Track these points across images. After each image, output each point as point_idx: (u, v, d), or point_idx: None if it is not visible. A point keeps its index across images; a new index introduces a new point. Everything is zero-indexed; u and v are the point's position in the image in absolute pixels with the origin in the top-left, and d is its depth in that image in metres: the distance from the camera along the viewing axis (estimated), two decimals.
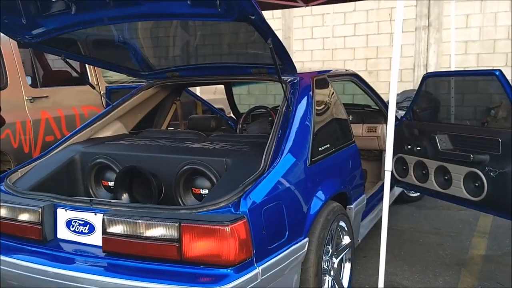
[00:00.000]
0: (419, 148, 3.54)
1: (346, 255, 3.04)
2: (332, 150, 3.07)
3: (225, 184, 2.43)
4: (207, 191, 2.64)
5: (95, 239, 2.35)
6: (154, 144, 3.15)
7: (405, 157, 3.66)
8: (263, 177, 2.37)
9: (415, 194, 5.07)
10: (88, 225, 2.40)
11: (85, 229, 2.40)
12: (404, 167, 3.70)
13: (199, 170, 2.66)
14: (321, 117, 3.08)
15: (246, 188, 2.27)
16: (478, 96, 3.55)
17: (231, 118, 5.09)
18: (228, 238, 2.05)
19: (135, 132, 3.70)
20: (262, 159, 2.49)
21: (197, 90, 6.15)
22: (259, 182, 2.33)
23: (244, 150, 2.83)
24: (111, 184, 2.98)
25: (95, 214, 2.37)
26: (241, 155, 2.73)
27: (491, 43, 9.11)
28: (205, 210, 2.19)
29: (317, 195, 2.73)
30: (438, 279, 3.46)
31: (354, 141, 3.48)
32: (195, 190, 2.72)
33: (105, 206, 2.39)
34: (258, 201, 2.24)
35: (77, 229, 2.42)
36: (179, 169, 2.70)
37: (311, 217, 2.64)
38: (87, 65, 5.38)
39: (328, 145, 3.03)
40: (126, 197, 2.85)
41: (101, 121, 3.48)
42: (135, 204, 2.56)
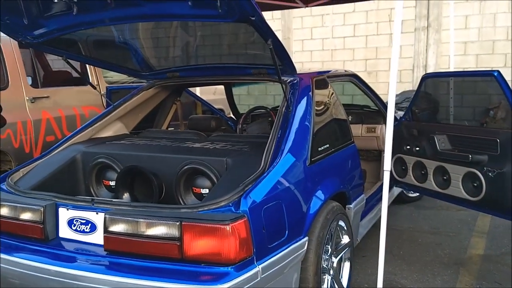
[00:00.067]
0: (418, 148, 3.55)
1: (345, 254, 3.06)
2: (331, 150, 3.09)
3: (226, 183, 2.45)
4: (207, 191, 2.66)
5: (97, 238, 2.37)
6: (155, 144, 3.17)
7: (404, 157, 3.67)
8: (263, 177, 2.38)
9: (414, 194, 5.09)
10: (89, 224, 2.41)
11: (87, 228, 2.42)
12: (403, 167, 3.71)
13: (200, 169, 2.68)
14: (320, 118, 3.10)
15: (246, 187, 2.28)
16: (477, 97, 3.57)
17: (231, 118, 5.10)
18: (228, 236, 2.06)
19: (136, 132, 3.71)
20: (262, 159, 2.51)
21: (197, 90, 6.16)
22: (259, 181, 2.34)
23: (244, 150, 2.84)
24: (112, 183, 2.99)
25: (97, 213, 2.38)
26: (241, 155, 2.74)
27: (490, 44, 9.14)
28: (205, 209, 2.20)
29: (316, 195, 2.74)
30: (436, 279, 3.47)
31: (353, 141, 3.50)
32: (195, 189, 2.74)
33: (106, 205, 2.40)
34: (258, 200, 2.25)
35: (79, 228, 2.44)
36: (180, 168, 2.71)
37: (311, 216, 2.65)
38: (87, 66, 5.39)
39: (327, 145, 3.04)
40: (127, 197, 2.86)
41: (102, 121, 3.50)
42: (136, 203, 2.57)
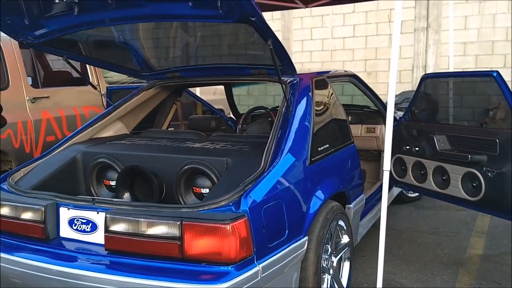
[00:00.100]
0: (418, 148, 3.56)
1: (345, 254, 3.07)
2: (331, 150, 3.09)
3: (226, 183, 2.46)
4: (207, 190, 2.67)
5: (98, 237, 2.38)
6: (155, 144, 3.17)
7: (404, 157, 3.68)
8: (263, 177, 2.39)
9: (414, 194, 5.10)
10: (90, 224, 2.42)
11: (88, 228, 2.43)
12: (402, 167, 3.72)
13: (200, 169, 2.68)
14: (320, 118, 3.11)
15: (246, 187, 2.29)
16: (476, 97, 3.57)
17: (231, 118, 5.11)
18: (229, 236, 2.07)
19: (136, 132, 3.72)
20: (262, 159, 2.52)
21: (197, 90, 6.17)
22: (259, 181, 2.35)
23: (244, 150, 2.85)
24: (112, 183, 3.00)
25: (98, 212, 2.39)
26: (242, 155, 2.75)
27: (490, 44, 9.15)
28: (206, 208, 2.21)
29: (316, 195, 2.75)
30: (436, 278, 3.48)
31: (353, 141, 3.51)
32: (196, 189, 2.75)
33: (107, 204, 2.41)
34: (258, 200, 2.26)
35: (80, 227, 2.45)
36: (180, 168, 2.72)
37: (311, 216, 2.66)
38: (87, 66, 5.40)
39: (327, 145, 3.05)
40: (127, 196, 2.87)
41: (102, 121, 3.51)
42: (137, 203, 2.57)
